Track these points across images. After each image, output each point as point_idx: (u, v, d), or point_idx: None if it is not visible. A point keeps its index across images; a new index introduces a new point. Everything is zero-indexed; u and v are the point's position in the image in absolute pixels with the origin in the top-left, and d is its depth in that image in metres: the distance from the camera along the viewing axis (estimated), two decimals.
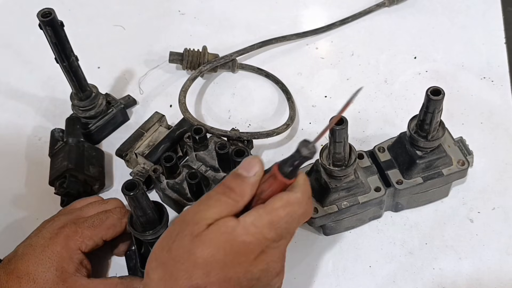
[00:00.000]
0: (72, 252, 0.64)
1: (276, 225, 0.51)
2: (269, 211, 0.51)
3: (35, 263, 0.62)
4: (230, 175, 0.53)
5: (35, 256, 0.63)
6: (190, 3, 1.05)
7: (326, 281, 0.69)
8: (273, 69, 0.92)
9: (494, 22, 0.95)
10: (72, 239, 0.64)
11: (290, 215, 0.51)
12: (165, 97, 0.91)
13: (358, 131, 0.83)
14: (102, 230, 0.66)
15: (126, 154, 0.78)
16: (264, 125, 0.85)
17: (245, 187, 0.52)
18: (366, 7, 0.99)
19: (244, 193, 0.52)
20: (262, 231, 0.50)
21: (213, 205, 0.51)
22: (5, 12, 1.07)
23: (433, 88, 0.62)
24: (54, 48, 0.73)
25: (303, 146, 0.49)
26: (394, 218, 0.74)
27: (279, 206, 0.51)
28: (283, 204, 0.51)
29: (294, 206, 0.52)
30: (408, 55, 0.92)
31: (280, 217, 0.51)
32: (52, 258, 0.63)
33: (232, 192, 0.52)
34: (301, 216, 0.53)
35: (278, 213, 0.51)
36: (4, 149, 0.87)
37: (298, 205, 0.52)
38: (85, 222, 0.66)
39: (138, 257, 0.69)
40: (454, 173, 0.69)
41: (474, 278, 0.68)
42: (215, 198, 0.52)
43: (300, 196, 0.52)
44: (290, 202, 0.52)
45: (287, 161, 0.50)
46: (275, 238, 0.51)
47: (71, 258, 0.64)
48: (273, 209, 0.51)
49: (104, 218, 0.67)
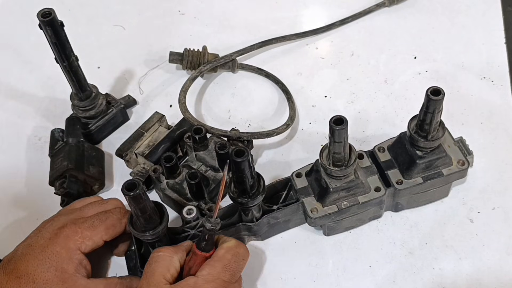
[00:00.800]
0: (72, 252, 0.64)
1: (228, 267, 0.61)
2: (218, 259, 0.61)
3: (34, 263, 0.62)
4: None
5: (35, 256, 0.63)
6: (190, 3, 1.05)
7: (326, 281, 0.69)
8: (273, 69, 0.92)
9: (494, 22, 0.95)
10: (72, 240, 0.64)
11: (235, 255, 0.62)
12: (165, 97, 0.91)
13: (358, 131, 0.83)
14: (102, 231, 0.66)
15: (126, 154, 0.78)
16: (264, 125, 0.85)
17: (178, 247, 0.64)
18: (366, 7, 0.99)
19: (177, 250, 0.63)
20: (219, 277, 0.60)
21: (155, 268, 0.60)
22: (5, 12, 1.08)
23: (433, 88, 0.62)
24: (54, 48, 0.73)
25: (206, 221, 0.60)
26: (394, 218, 0.74)
27: (224, 252, 0.62)
28: (226, 250, 0.62)
29: (234, 249, 0.63)
30: (408, 55, 0.92)
31: (228, 259, 0.61)
32: (51, 258, 0.63)
33: (166, 248, 0.62)
34: (244, 254, 0.64)
35: (225, 257, 0.61)
36: (4, 149, 0.87)
37: (237, 247, 0.63)
38: (84, 222, 0.66)
39: (138, 257, 0.69)
40: (454, 173, 0.69)
41: (474, 278, 0.68)
42: (153, 259, 0.61)
43: (234, 242, 0.64)
44: (231, 247, 0.63)
45: (200, 238, 0.61)
46: (231, 279, 0.61)
47: (70, 258, 0.63)
48: (220, 257, 0.61)
49: (104, 218, 0.67)
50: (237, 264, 0.62)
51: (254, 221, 0.69)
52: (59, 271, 0.62)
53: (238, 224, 0.69)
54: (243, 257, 0.63)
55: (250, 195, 0.64)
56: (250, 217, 0.68)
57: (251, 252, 0.66)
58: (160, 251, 0.62)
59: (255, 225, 0.69)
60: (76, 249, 0.64)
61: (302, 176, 0.70)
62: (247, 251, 0.65)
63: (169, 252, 0.62)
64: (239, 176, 0.61)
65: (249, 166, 0.60)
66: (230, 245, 0.63)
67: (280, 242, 0.73)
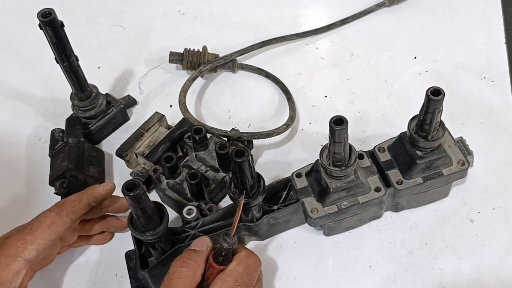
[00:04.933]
0: (11, 259, 0.62)
1: (240, 281, 0.60)
2: (229, 273, 0.60)
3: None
4: (185, 251, 0.62)
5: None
6: (190, 3, 1.05)
7: (326, 281, 0.69)
8: (273, 69, 0.92)
9: (494, 22, 0.95)
10: (14, 247, 0.63)
11: (247, 267, 0.61)
12: (165, 97, 0.91)
13: (358, 131, 0.83)
14: (43, 232, 0.64)
15: (126, 154, 0.78)
16: (264, 125, 0.85)
17: (199, 258, 0.61)
18: (366, 7, 0.99)
19: (200, 263, 0.61)
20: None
21: (177, 284, 0.59)
22: (5, 12, 1.08)
23: (433, 88, 0.62)
24: (54, 48, 0.73)
25: (223, 241, 0.60)
26: (394, 218, 0.74)
27: (235, 265, 0.61)
28: (237, 262, 0.61)
29: (245, 260, 0.62)
30: (408, 55, 0.92)
31: (240, 273, 0.60)
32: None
33: (190, 263, 0.60)
34: (256, 265, 0.62)
35: (237, 270, 0.60)
36: (4, 149, 0.87)
37: (248, 258, 0.62)
38: (25, 227, 0.65)
39: (138, 257, 0.69)
40: (454, 173, 0.69)
41: (474, 278, 0.68)
42: (176, 275, 0.59)
43: (245, 253, 0.63)
44: (241, 258, 0.61)
45: (218, 253, 0.61)
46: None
47: (8, 266, 0.62)
48: (231, 270, 0.60)
49: (42, 219, 0.65)
50: (249, 276, 0.61)
51: (254, 221, 0.69)
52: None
53: (238, 224, 0.69)
54: (255, 268, 0.62)
55: (250, 195, 0.64)
56: (250, 217, 0.68)
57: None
58: (183, 266, 0.60)
59: (255, 225, 0.69)
60: (16, 256, 0.62)
61: (302, 176, 0.70)
62: (258, 261, 0.63)
63: (192, 268, 0.60)
64: (239, 176, 0.61)
65: (249, 166, 0.60)
66: (241, 257, 0.62)
67: (280, 242, 0.73)
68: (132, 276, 0.71)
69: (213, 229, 0.69)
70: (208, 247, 0.62)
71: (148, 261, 0.70)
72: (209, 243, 0.63)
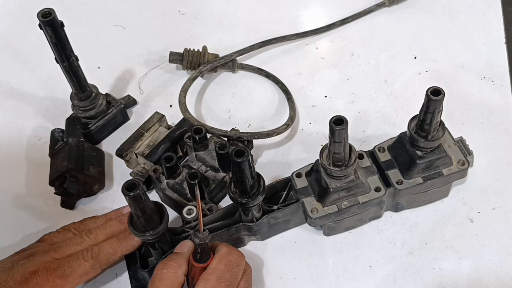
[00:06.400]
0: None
1: (223, 277, 0.60)
2: (211, 272, 0.60)
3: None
4: (169, 255, 0.64)
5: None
6: (190, 3, 1.05)
7: (326, 281, 0.69)
8: (273, 69, 0.92)
9: (494, 22, 0.95)
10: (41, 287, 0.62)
11: (228, 264, 0.61)
12: (165, 97, 0.91)
13: (358, 131, 0.83)
14: (74, 279, 0.64)
15: (126, 154, 0.78)
16: (264, 125, 0.85)
17: (180, 259, 0.62)
18: (366, 7, 0.99)
19: (181, 264, 0.61)
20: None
21: (159, 286, 0.59)
22: (5, 12, 1.07)
23: (433, 88, 0.62)
24: (54, 48, 0.73)
25: (195, 237, 0.60)
26: (394, 218, 0.74)
27: (216, 263, 0.61)
28: (219, 259, 0.61)
29: (227, 257, 0.62)
30: (408, 55, 0.92)
31: (222, 270, 0.61)
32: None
33: (170, 264, 0.61)
34: (238, 260, 0.63)
35: (218, 267, 0.61)
36: (4, 149, 0.87)
37: (229, 254, 0.62)
38: (56, 269, 0.63)
39: (138, 257, 0.69)
40: (454, 173, 0.69)
41: (474, 278, 0.68)
42: (157, 277, 0.60)
43: (226, 249, 0.63)
44: (222, 255, 0.62)
45: (195, 251, 0.61)
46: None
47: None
48: (213, 268, 0.61)
49: (76, 267, 0.64)
50: (232, 272, 0.61)
51: (254, 221, 0.69)
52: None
53: (238, 224, 0.69)
54: (237, 263, 0.62)
55: (250, 195, 0.64)
56: (250, 217, 0.68)
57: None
58: (164, 268, 0.61)
59: (255, 225, 0.69)
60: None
61: (302, 176, 0.70)
62: (241, 256, 0.64)
63: (173, 268, 0.61)
64: (239, 176, 0.61)
65: (249, 166, 0.60)
66: (222, 254, 0.62)
67: (280, 242, 0.73)
68: (132, 276, 0.71)
69: (213, 229, 0.69)
70: (189, 248, 0.63)
71: (148, 261, 0.70)
72: (189, 245, 0.63)
